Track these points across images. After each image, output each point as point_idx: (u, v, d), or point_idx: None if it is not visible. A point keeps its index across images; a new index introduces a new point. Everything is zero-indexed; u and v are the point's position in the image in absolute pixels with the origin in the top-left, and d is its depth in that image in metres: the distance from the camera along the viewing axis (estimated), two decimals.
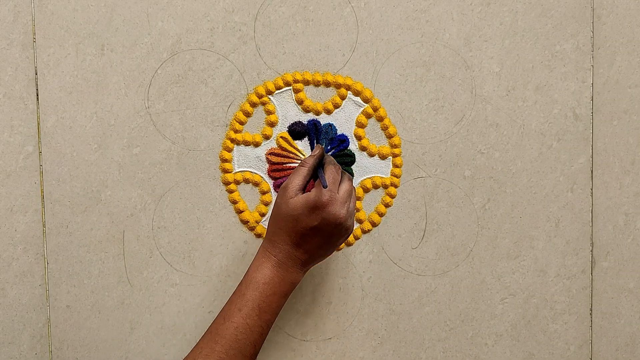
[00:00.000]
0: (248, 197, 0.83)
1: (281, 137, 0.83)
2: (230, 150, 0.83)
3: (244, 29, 0.82)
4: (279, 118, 0.83)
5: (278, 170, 0.83)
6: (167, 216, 0.83)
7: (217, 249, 0.83)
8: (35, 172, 0.81)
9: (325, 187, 0.73)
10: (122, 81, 0.81)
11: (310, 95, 0.83)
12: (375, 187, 0.84)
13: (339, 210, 0.73)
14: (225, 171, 0.83)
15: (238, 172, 0.83)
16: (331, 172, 0.75)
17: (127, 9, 0.80)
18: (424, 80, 0.83)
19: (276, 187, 0.83)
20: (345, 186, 0.75)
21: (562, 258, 0.86)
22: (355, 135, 0.83)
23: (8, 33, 0.80)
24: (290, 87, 0.82)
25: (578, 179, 0.86)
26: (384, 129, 0.84)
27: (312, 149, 0.83)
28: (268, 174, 0.83)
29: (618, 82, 0.85)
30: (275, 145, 0.83)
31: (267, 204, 0.83)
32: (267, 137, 0.83)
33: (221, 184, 0.83)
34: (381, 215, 0.84)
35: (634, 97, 0.85)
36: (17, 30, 0.80)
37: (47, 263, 0.82)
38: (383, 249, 0.85)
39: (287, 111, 0.83)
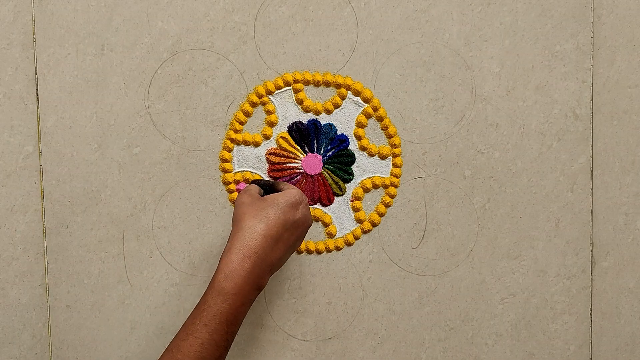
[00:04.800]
0: None
1: (281, 137, 0.83)
2: (230, 150, 0.83)
3: (244, 29, 0.82)
4: (279, 118, 0.83)
5: (278, 170, 0.83)
6: (167, 216, 0.83)
7: (217, 249, 0.83)
8: (35, 172, 0.81)
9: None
10: (122, 81, 0.81)
11: (310, 95, 0.83)
12: (375, 187, 0.84)
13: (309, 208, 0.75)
14: (225, 171, 0.83)
15: (238, 172, 0.83)
16: (284, 182, 0.79)
17: (127, 9, 0.81)
18: (424, 80, 0.83)
19: None
20: None
21: (562, 258, 0.86)
22: (355, 135, 0.83)
23: (8, 33, 0.80)
24: (290, 87, 0.83)
25: (578, 179, 0.86)
26: (384, 129, 0.84)
27: (311, 149, 0.83)
28: (268, 174, 0.83)
29: (618, 82, 0.85)
30: (275, 145, 0.83)
31: None
32: (267, 137, 0.83)
33: (221, 184, 0.83)
34: (381, 215, 0.84)
35: (634, 97, 0.85)
36: (17, 30, 0.80)
37: (47, 263, 0.82)
38: (383, 249, 0.85)
39: (287, 111, 0.83)
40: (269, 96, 0.82)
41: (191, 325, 0.67)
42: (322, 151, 0.83)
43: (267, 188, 0.77)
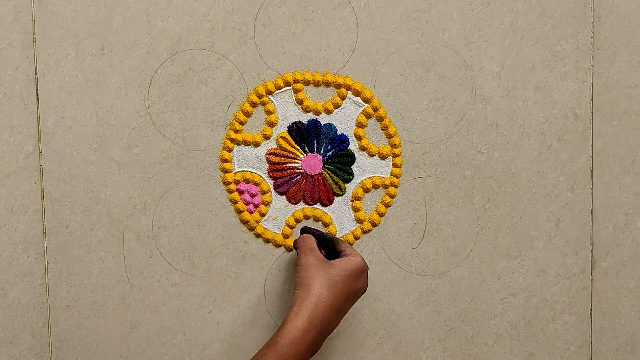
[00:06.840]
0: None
1: (281, 137, 0.83)
2: (230, 150, 0.83)
3: (244, 29, 0.82)
4: (279, 118, 0.83)
5: (278, 170, 0.83)
6: (167, 216, 0.83)
7: (217, 249, 0.83)
8: (35, 172, 0.81)
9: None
10: (122, 81, 0.81)
11: (310, 95, 0.83)
12: (375, 187, 0.84)
13: None
14: (225, 171, 0.83)
15: (238, 172, 0.83)
16: (344, 241, 0.79)
17: (127, 9, 0.81)
18: (424, 80, 0.83)
19: (276, 187, 0.83)
20: None
21: (562, 258, 0.86)
22: (355, 135, 0.83)
23: (8, 33, 0.80)
24: (290, 87, 0.83)
25: (578, 179, 0.86)
26: (384, 129, 0.84)
27: (311, 149, 0.83)
28: (268, 174, 0.83)
29: (618, 82, 0.85)
30: (275, 145, 0.83)
31: (267, 204, 0.83)
32: (267, 137, 0.83)
33: (221, 184, 0.83)
34: (381, 215, 0.84)
35: (634, 97, 0.85)
36: (17, 30, 0.80)
37: (47, 263, 0.82)
38: (383, 249, 0.85)
39: (287, 111, 0.83)
40: (269, 96, 0.82)
41: None
42: (322, 151, 0.83)
43: (323, 241, 0.79)
